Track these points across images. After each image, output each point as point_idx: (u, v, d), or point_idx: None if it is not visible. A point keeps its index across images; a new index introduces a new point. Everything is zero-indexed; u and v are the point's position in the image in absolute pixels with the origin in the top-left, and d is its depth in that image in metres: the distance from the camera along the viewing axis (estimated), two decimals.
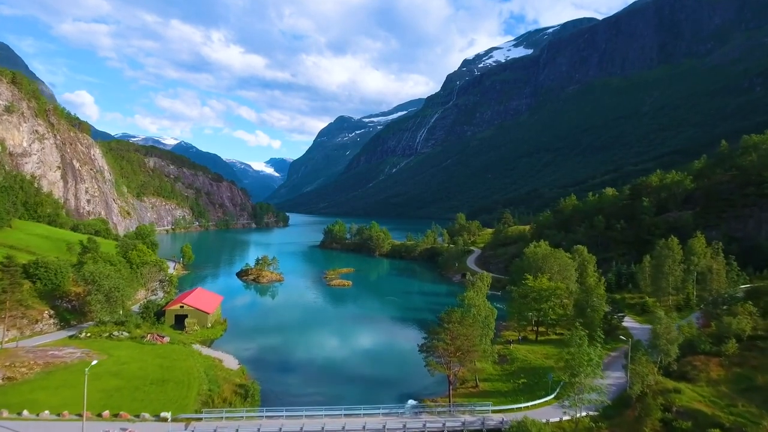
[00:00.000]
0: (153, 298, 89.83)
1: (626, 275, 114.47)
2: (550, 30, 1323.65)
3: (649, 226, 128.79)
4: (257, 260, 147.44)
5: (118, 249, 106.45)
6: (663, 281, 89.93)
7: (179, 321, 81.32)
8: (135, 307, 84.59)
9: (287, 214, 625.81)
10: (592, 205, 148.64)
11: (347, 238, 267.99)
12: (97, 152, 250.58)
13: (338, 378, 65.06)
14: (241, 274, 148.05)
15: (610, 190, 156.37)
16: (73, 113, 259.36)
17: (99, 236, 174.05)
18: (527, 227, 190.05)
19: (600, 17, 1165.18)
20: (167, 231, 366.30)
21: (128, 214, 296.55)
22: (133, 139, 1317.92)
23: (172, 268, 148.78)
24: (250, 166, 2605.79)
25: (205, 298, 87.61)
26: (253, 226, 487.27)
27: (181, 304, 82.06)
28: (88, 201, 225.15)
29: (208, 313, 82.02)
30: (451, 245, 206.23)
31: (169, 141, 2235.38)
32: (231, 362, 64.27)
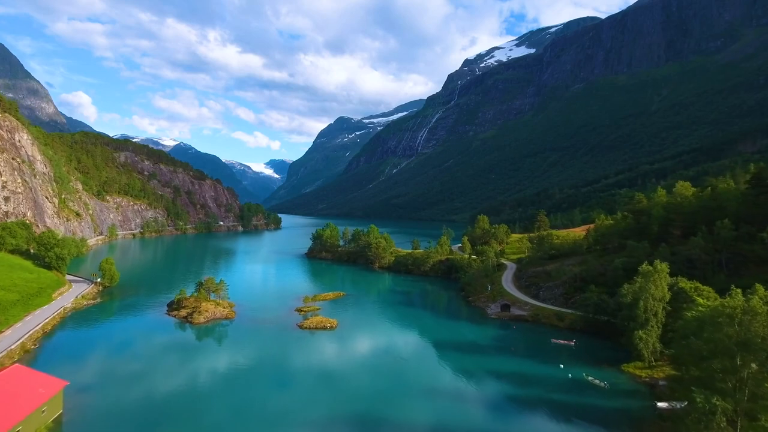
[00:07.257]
0: None
1: None
2: (553, 29, 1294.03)
3: None
4: (198, 285, 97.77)
5: None
6: None
7: None
8: None
9: (282, 215, 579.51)
10: (699, 204, 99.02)
11: (340, 246, 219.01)
12: (24, 138, 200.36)
13: None
14: (172, 307, 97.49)
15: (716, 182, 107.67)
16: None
17: None
18: (580, 232, 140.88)
19: (601, 16, 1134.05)
20: (134, 235, 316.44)
21: (77, 215, 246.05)
22: (131, 140, 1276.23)
23: (69, 298, 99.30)
24: (249, 168, 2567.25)
25: None
26: (240, 228, 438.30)
27: None
28: (7, 199, 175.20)
29: None
30: (473, 257, 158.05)
31: (168, 142, 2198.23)
32: None
